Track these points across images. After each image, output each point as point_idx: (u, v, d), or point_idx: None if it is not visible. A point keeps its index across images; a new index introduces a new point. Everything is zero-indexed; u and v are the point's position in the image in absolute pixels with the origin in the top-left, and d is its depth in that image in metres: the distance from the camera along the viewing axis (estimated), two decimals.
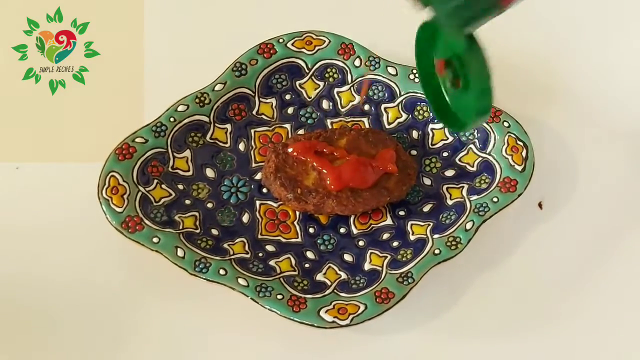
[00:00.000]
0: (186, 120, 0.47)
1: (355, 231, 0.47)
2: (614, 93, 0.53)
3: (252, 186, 0.48)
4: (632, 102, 0.53)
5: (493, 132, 0.47)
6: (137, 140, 0.46)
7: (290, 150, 0.45)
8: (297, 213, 0.47)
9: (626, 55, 0.55)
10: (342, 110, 0.50)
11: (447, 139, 0.49)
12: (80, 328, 0.44)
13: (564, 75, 0.54)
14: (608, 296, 0.46)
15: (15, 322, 0.44)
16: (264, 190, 0.48)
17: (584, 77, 0.54)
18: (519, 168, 0.46)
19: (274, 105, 0.50)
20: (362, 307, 0.41)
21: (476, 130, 0.48)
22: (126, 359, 0.43)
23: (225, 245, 0.45)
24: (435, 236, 0.44)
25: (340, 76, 0.50)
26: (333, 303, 0.42)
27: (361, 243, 0.46)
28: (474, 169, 0.48)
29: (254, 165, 0.49)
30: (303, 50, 0.50)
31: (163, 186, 0.46)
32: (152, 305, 0.45)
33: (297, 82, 0.50)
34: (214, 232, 0.45)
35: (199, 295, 0.44)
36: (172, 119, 0.47)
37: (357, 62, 0.49)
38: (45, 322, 0.44)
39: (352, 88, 0.50)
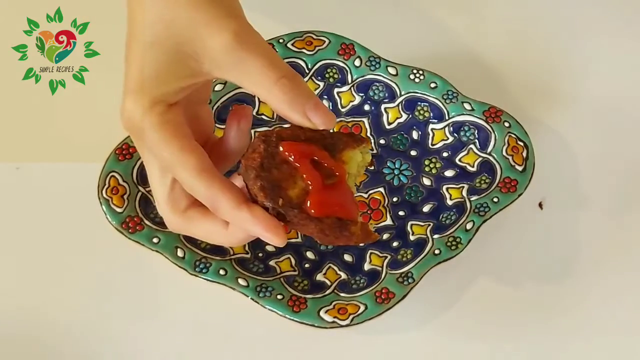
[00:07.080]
0: None
1: None
2: (614, 93, 0.53)
3: None
4: (632, 103, 0.53)
5: (493, 132, 0.47)
6: None
7: (281, 148, 0.34)
8: None
9: (626, 55, 0.55)
10: (342, 110, 0.50)
11: (448, 139, 0.49)
12: (80, 328, 0.44)
13: (564, 75, 0.54)
14: (608, 296, 0.46)
15: (14, 322, 0.44)
16: None
17: (584, 78, 0.54)
18: (520, 168, 0.46)
19: None
20: (362, 307, 0.41)
21: (477, 130, 0.48)
22: (126, 358, 0.43)
23: None
24: (436, 236, 0.44)
25: (340, 76, 0.50)
26: (333, 303, 0.42)
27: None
28: (474, 169, 0.48)
29: None
30: (303, 50, 0.50)
31: None
32: (152, 306, 0.45)
33: None
34: None
35: (199, 295, 0.44)
36: None
37: (357, 62, 0.49)
38: (45, 321, 0.44)
39: (352, 88, 0.50)
